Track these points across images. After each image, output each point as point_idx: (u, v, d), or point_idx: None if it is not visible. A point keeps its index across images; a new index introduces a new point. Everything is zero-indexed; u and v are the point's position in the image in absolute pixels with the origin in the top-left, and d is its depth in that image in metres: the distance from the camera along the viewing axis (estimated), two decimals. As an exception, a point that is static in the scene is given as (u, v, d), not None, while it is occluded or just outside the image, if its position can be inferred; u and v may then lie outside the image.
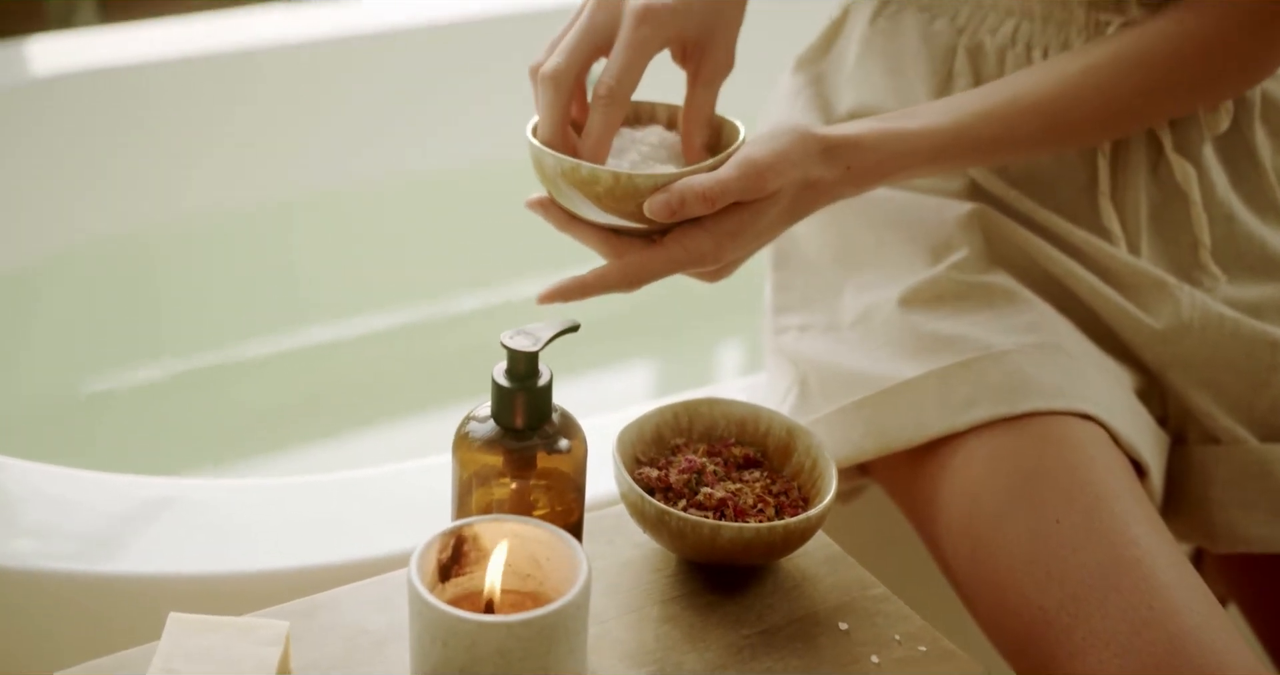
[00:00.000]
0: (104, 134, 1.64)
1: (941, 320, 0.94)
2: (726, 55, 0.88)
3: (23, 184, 1.59)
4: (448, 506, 0.94)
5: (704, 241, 0.83)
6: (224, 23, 1.76)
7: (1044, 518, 0.85)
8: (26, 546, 0.96)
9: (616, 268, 0.85)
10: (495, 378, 0.73)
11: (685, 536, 0.77)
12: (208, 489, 1.03)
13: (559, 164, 0.83)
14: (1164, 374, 0.98)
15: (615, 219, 0.84)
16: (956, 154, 0.90)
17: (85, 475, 1.02)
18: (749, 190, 0.82)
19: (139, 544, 0.96)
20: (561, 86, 0.84)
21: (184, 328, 1.69)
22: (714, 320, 1.84)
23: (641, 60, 0.85)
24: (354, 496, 1.03)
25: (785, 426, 0.85)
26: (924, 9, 1.03)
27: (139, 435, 1.56)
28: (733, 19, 0.89)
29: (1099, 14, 0.97)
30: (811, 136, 0.85)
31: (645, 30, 0.84)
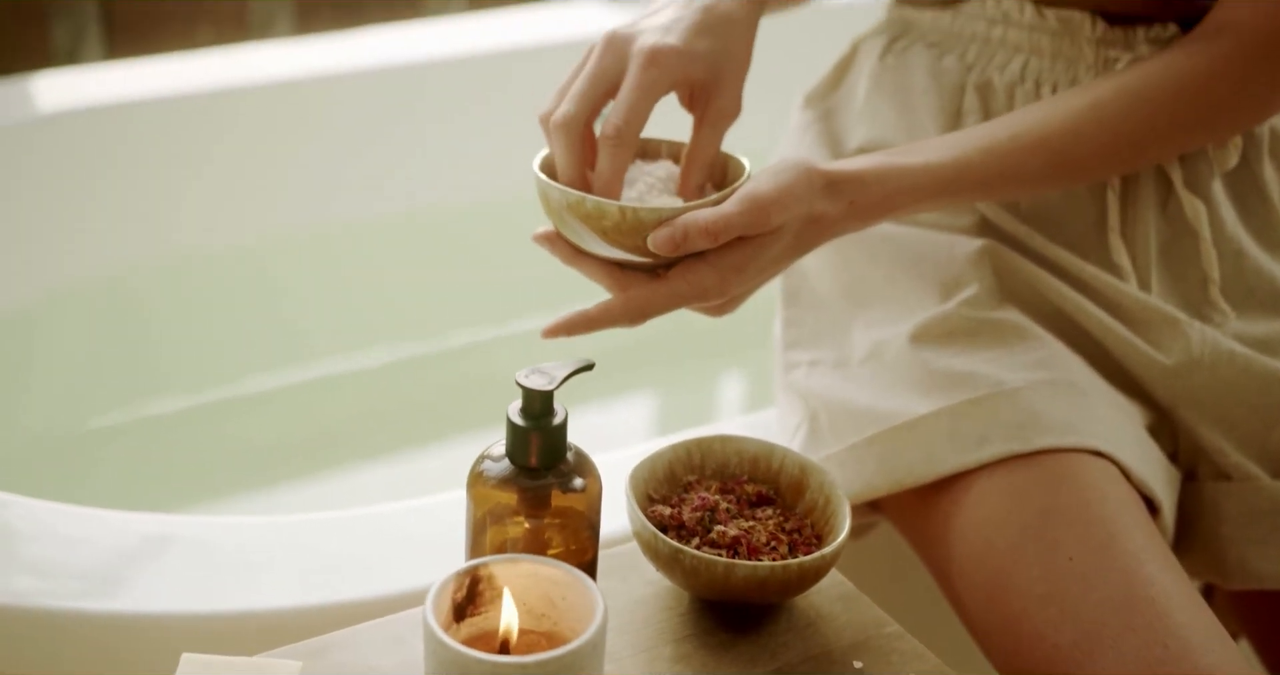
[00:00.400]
0: (104, 170, 1.64)
1: (953, 357, 0.94)
2: (733, 100, 0.89)
3: (26, 220, 1.59)
4: (457, 544, 0.95)
5: (708, 276, 0.84)
6: (226, 58, 1.76)
7: (1057, 555, 0.84)
8: (28, 584, 0.95)
9: (621, 302, 0.85)
10: (510, 416, 0.73)
11: (699, 575, 0.77)
12: (213, 526, 1.02)
13: (564, 197, 0.83)
14: (1175, 410, 0.97)
15: (620, 253, 0.84)
16: (960, 189, 0.90)
17: (88, 512, 1.02)
18: (752, 225, 0.82)
19: (143, 582, 0.96)
20: (573, 132, 0.85)
21: (184, 364, 1.69)
22: (719, 355, 1.84)
23: (648, 102, 0.85)
24: (362, 533, 1.03)
25: (798, 464, 0.85)
26: (932, 46, 1.03)
27: (140, 472, 1.55)
28: (739, 65, 0.89)
29: (1108, 51, 0.97)
30: (815, 172, 0.85)
31: (653, 72, 0.85)
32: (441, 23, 1.97)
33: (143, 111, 1.66)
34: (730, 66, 0.89)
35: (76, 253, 1.65)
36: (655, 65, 0.85)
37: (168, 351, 1.70)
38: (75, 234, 1.64)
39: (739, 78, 0.89)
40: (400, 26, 1.93)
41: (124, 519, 1.01)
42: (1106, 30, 0.97)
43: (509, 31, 1.90)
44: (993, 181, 0.90)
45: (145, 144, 1.66)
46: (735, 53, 0.89)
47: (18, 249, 1.60)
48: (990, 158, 0.90)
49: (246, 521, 1.04)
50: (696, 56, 0.87)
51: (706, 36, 0.88)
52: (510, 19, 1.94)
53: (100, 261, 1.67)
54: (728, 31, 0.89)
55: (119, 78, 1.69)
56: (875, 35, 1.09)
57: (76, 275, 1.65)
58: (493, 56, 1.86)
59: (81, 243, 1.65)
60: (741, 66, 0.90)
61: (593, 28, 1.92)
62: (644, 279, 0.85)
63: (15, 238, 1.59)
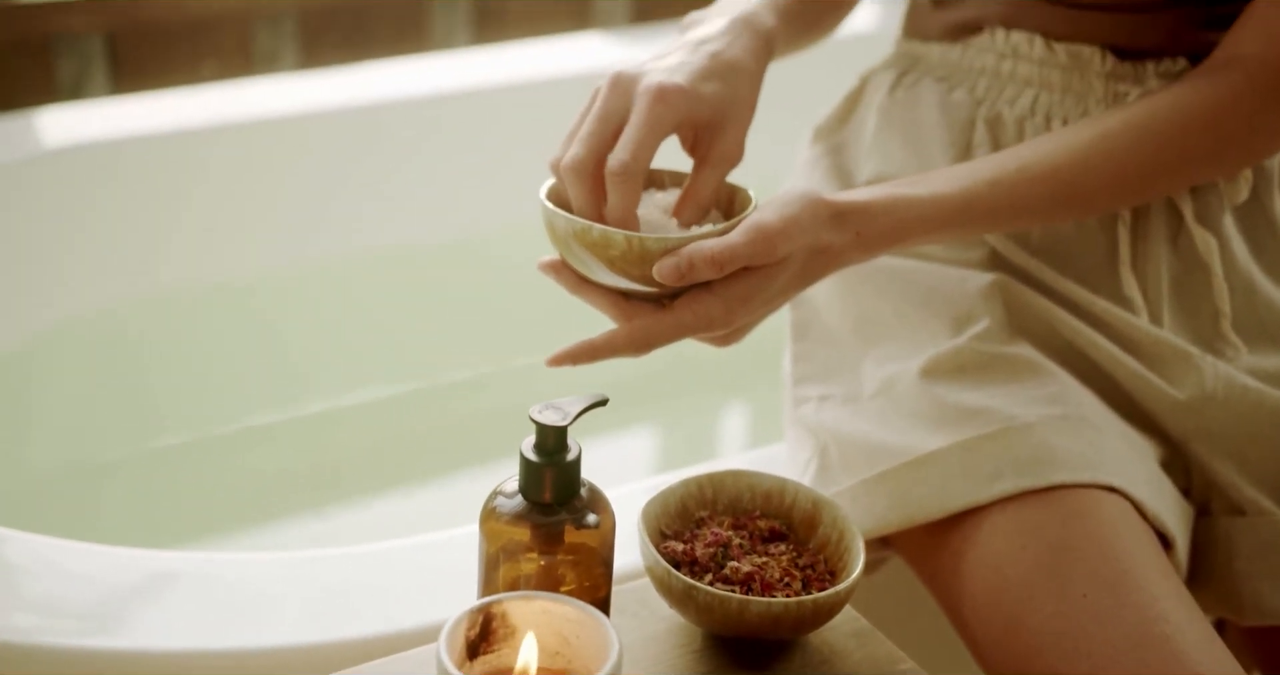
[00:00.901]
0: (106, 204, 1.64)
1: (964, 392, 0.93)
2: (735, 145, 0.89)
3: (30, 254, 1.59)
4: (466, 581, 0.94)
5: (714, 306, 0.83)
6: (229, 93, 1.76)
7: (1071, 592, 0.84)
8: (30, 621, 0.94)
9: (625, 332, 0.85)
10: (523, 452, 0.73)
11: (713, 611, 0.77)
12: (218, 562, 1.01)
13: (570, 225, 0.83)
14: (1187, 445, 0.97)
15: (626, 282, 0.84)
16: (967, 221, 0.90)
17: (90, 548, 1.01)
18: (758, 255, 0.82)
19: (147, 619, 0.95)
20: (584, 174, 0.85)
21: (186, 399, 1.69)
22: (725, 389, 1.83)
23: (654, 138, 0.85)
24: (368, 569, 1.02)
25: (811, 499, 0.85)
26: (942, 80, 1.03)
27: (142, 508, 1.55)
28: (744, 110, 0.90)
29: (1118, 85, 0.97)
30: (821, 202, 0.85)
31: (659, 110, 0.85)
32: (446, 56, 1.97)
33: (144, 146, 1.66)
34: (735, 112, 0.89)
35: (82, 286, 1.65)
36: (662, 102, 0.85)
37: (170, 387, 1.70)
38: (79, 268, 1.64)
39: (743, 123, 0.90)
40: (405, 60, 1.93)
41: (127, 555, 1.00)
42: (1116, 65, 0.97)
43: (513, 65, 1.90)
44: (1000, 213, 0.90)
45: (147, 178, 1.66)
46: (741, 98, 0.89)
47: (23, 282, 1.60)
48: (998, 189, 0.90)
49: (252, 557, 1.03)
50: (702, 98, 0.87)
51: (713, 80, 0.88)
52: (515, 53, 1.94)
53: (105, 295, 1.66)
54: (734, 77, 0.89)
55: (121, 113, 1.69)
56: (884, 69, 1.09)
57: (81, 309, 1.65)
58: (497, 90, 1.86)
59: (86, 276, 1.65)
60: (746, 112, 0.90)
61: (597, 61, 1.93)
62: (650, 309, 0.85)
63: (20, 271, 1.59)
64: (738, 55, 0.90)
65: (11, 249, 1.57)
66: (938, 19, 1.05)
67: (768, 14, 0.95)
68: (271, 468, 1.65)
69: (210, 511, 1.56)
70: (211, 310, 1.73)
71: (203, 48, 1.86)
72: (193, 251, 1.71)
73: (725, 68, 0.89)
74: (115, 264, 1.66)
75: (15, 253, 1.58)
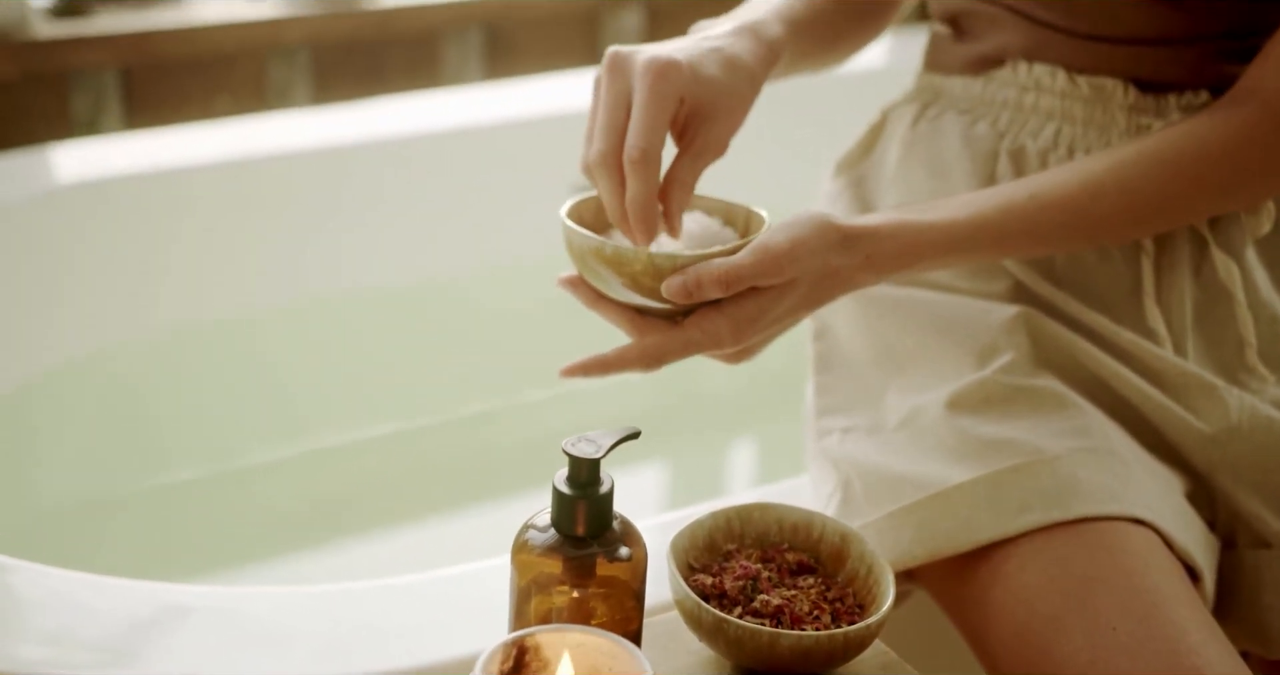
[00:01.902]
0: (114, 241, 1.64)
1: (990, 424, 0.93)
2: (721, 137, 0.89)
3: (36, 290, 1.60)
4: (492, 614, 0.94)
5: (722, 325, 0.85)
6: (244, 128, 1.77)
7: (1100, 625, 0.84)
8: (40, 654, 0.93)
9: (637, 347, 0.86)
10: (556, 485, 0.73)
11: (743, 644, 0.76)
12: (230, 596, 1.01)
13: (587, 242, 0.85)
14: (1213, 477, 0.97)
15: (639, 298, 0.86)
16: (978, 246, 0.90)
17: (100, 580, 1.00)
18: (764, 276, 0.83)
19: (158, 653, 0.94)
20: (612, 167, 0.85)
21: (193, 435, 1.69)
22: (742, 423, 1.84)
23: (663, 116, 0.86)
24: (386, 603, 1.01)
25: (839, 532, 0.84)
26: (964, 112, 1.04)
27: (149, 544, 1.54)
28: (738, 106, 0.90)
29: (1140, 118, 0.98)
30: (830, 226, 0.85)
31: (661, 86, 0.85)
32: (460, 91, 1.98)
33: (158, 181, 1.66)
34: (728, 104, 0.89)
35: (100, 319, 1.65)
36: (663, 79, 0.85)
37: (180, 422, 1.70)
38: (94, 301, 1.64)
39: (734, 118, 0.90)
40: (417, 95, 1.94)
41: (140, 588, 1.00)
42: (1139, 97, 0.98)
43: (526, 100, 1.91)
44: (1010, 239, 0.91)
45: (162, 213, 1.66)
46: (737, 94, 0.90)
47: (40, 315, 1.60)
48: (1009, 215, 0.90)
49: (268, 591, 1.03)
50: (700, 80, 0.87)
51: (712, 68, 0.89)
52: (527, 88, 1.95)
53: (126, 327, 1.67)
54: (733, 72, 0.90)
55: (135, 148, 1.69)
56: (906, 103, 1.10)
57: (101, 341, 1.65)
58: (510, 125, 1.87)
59: (102, 310, 1.65)
60: (739, 109, 0.90)
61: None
62: (663, 325, 0.87)
63: (35, 305, 1.59)
64: (739, 54, 0.91)
65: (25, 283, 1.57)
66: (959, 52, 1.05)
67: (776, 25, 0.96)
68: (279, 503, 1.65)
69: (218, 547, 1.55)
70: (226, 344, 1.73)
71: (217, 83, 1.87)
72: (208, 286, 1.72)
73: (725, 60, 0.90)
74: (131, 298, 1.66)
75: (29, 286, 1.58)
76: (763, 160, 1.99)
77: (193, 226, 1.69)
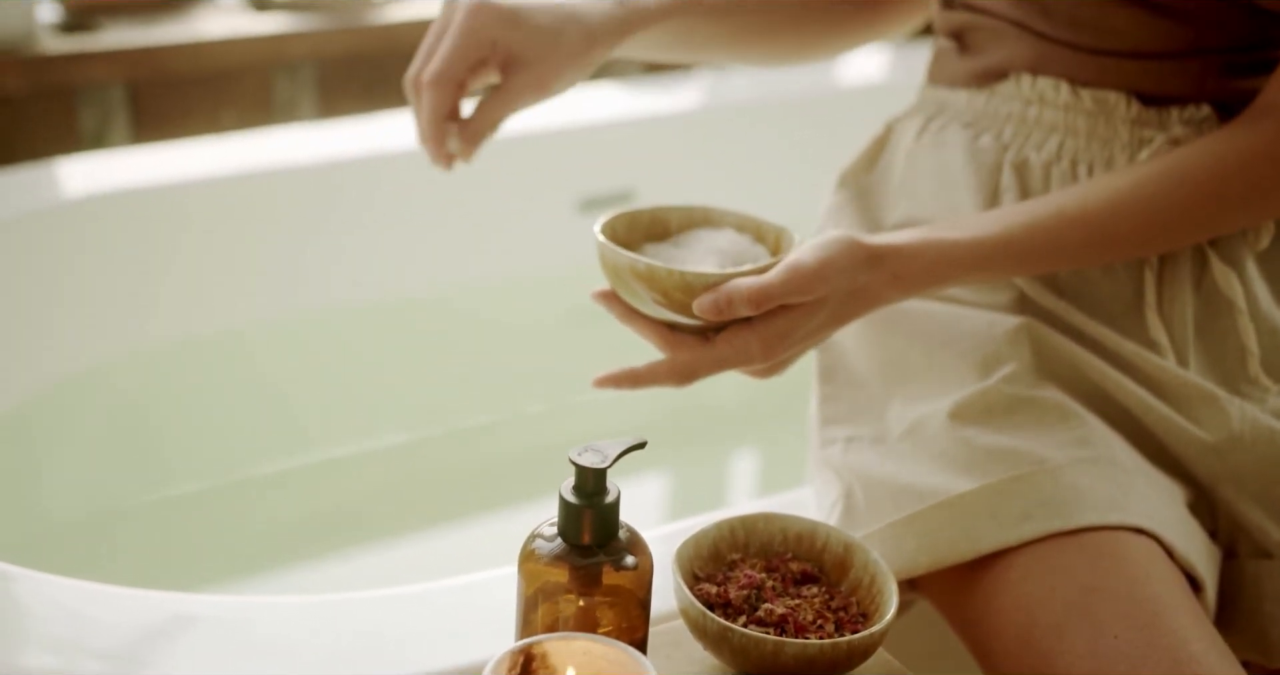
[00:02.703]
0: (123, 254, 1.65)
1: (992, 434, 0.94)
2: (537, 81, 0.96)
3: (44, 304, 1.60)
4: (499, 623, 0.94)
5: (752, 342, 0.86)
6: (249, 142, 1.78)
7: (1102, 634, 0.84)
8: (47, 662, 0.94)
9: (669, 363, 0.88)
10: (563, 494, 0.73)
11: (748, 653, 0.77)
12: (238, 605, 1.01)
13: (620, 258, 0.87)
14: (1215, 487, 0.97)
15: (671, 314, 0.87)
16: (1002, 263, 0.92)
17: (107, 590, 1.01)
18: (794, 294, 0.85)
19: (167, 662, 0.94)
20: (414, 88, 0.96)
21: (201, 446, 1.69)
22: (747, 434, 1.84)
23: (463, 48, 0.95)
24: (391, 613, 1.02)
25: (842, 542, 0.85)
26: (968, 125, 1.05)
27: (158, 555, 1.55)
28: (562, 57, 0.97)
29: (1142, 131, 0.98)
30: (858, 245, 0.87)
31: (471, 22, 0.95)
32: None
33: (165, 195, 1.67)
34: (546, 53, 0.96)
35: (108, 331, 1.66)
36: (473, 15, 0.95)
37: (186, 434, 1.71)
38: (96, 316, 1.65)
39: (553, 67, 0.96)
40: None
41: (149, 597, 1.00)
42: (1141, 110, 0.98)
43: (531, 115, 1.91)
44: (1034, 255, 0.92)
45: (162, 229, 1.67)
46: (561, 45, 0.96)
47: (49, 328, 1.61)
48: (1033, 232, 0.92)
49: (273, 601, 1.03)
50: (518, 25, 0.95)
51: (542, 17, 0.96)
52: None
53: (133, 339, 1.68)
54: (566, 24, 0.96)
55: (142, 162, 1.70)
56: (910, 116, 1.10)
57: (110, 353, 1.66)
58: (511, 140, 1.87)
59: (104, 324, 1.66)
60: (563, 59, 0.96)
61: (612, 111, 1.94)
62: (694, 341, 0.88)
63: (36, 319, 1.60)
64: (585, 13, 0.97)
65: (31, 296, 1.58)
66: (963, 66, 1.06)
67: None
68: (284, 514, 1.65)
69: (222, 558, 1.56)
70: (233, 357, 1.74)
71: (223, 97, 1.88)
72: (214, 298, 1.73)
73: (563, 15, 0.97)
74: (138, 310, 1.67)
75: (34, 299, 1.59)
76: (768, 172, 2.01)
77: (198, 240, 1.70)
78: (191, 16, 1.91)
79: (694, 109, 1.98)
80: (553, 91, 0.98)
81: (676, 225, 0.95)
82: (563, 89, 1.00)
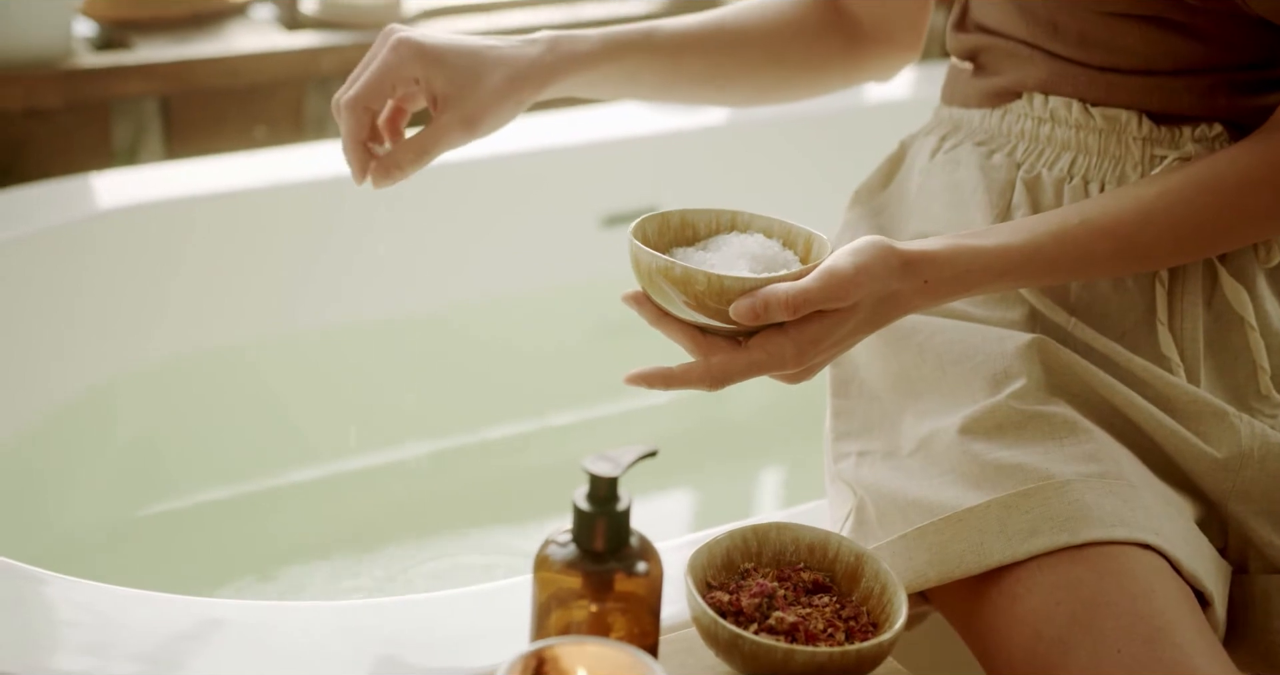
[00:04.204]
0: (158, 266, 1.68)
1: (1001, 449, 0.95)
2: (466, 120, 1.00)
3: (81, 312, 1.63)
4: (517, 630, 0.96)
5: (786, 347, 0.87)
6: (280, 157, 1.80)
7: (1105, 648, 0.85)
8: (82, 664, 0.96)
9: (702, 366, 0.88)
10: (576, 501, 0.75)
11: (758, 660, 0.78)
12: (269, 609, 1.03)
13: (653, 261, 0.87)
14: (1224, 504, 0.98)
15: (704, 318, 0.88)
16: (1030, 272, 0.93)
17: (137, 594, 1.03)
18: (830, 299, 0.86)
19: (199, 664, 0.96)
20: (356, 114, 1.00)
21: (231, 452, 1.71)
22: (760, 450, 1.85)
23: (380, 80, 1.00)
24: (417, 618, 1.04)
25: (854, 552, 0.87)
26: (981, 144, 1.06)
27: (176, 565, 1.56)
28: (489, 97, 1.01)
29: (1154, 149, 1.00)
30: (892, 251, 0.88)
31: (389, 57, 1.00)
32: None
33: (194, 208, 1.69)
34: (472, 92, 1.00)
35: (141, 340, 1.68)
36: (394, 51, 1.00)
37: (227, 441, 1.72)
38: (128, 325, 1.67)
39: (479, 105, 1.00)
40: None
41: (174, 601, 1.02)
42: (1153, 129, 1.00)
43: (554, 129, 1.94)
44: (1062, 264, 0.93)
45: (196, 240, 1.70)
46: (485, 87, 1.00)
47: (78, 339, 1.63)
48: (1062, 240, 0.93)
49: (302, 605, 1.05)
50: (440, 62, 1.00)
51: (466, 58, 1.00)
52: (557, 117, 1.98)
53: (166, 347, 1.70)
54: (489, 66, 1.01)
55: (174, 176, 1.72)
56: (925, 134, 1.12)
57: (140, 362, 1.68)
58: (535, 153, 1.89)
59: (141, 332, 1.68)
60: (488, 98, 1.01)
61: (640, 125, 1.96)
62: (726, 345, 0.89)
63: (71, 330, 1.62)
64: (512, 57, 1.02)
65: (63, 306, 1.61)
66: (977, 86, 1.08)
67: (591, 42, 1.05)
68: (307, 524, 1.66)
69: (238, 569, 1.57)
70: (262, 367, 1.76)
71: (255, 113, 1.90)
72: (247, 309, 1.75)
73: (491, 58, 1.01)
74: (161, 322, 1.70)
75: (65, 310, 1.61)
76: (791, 187, 2.02)
77: (228, 252, 1.72)
78: (225, 33, 1.94)
79: (717, 125, 2.00)
80: (482, 130, 1.02)
81: (705, 229, 0.96)
82: (494, 128, 1.03)
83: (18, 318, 1.57)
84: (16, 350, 1.57)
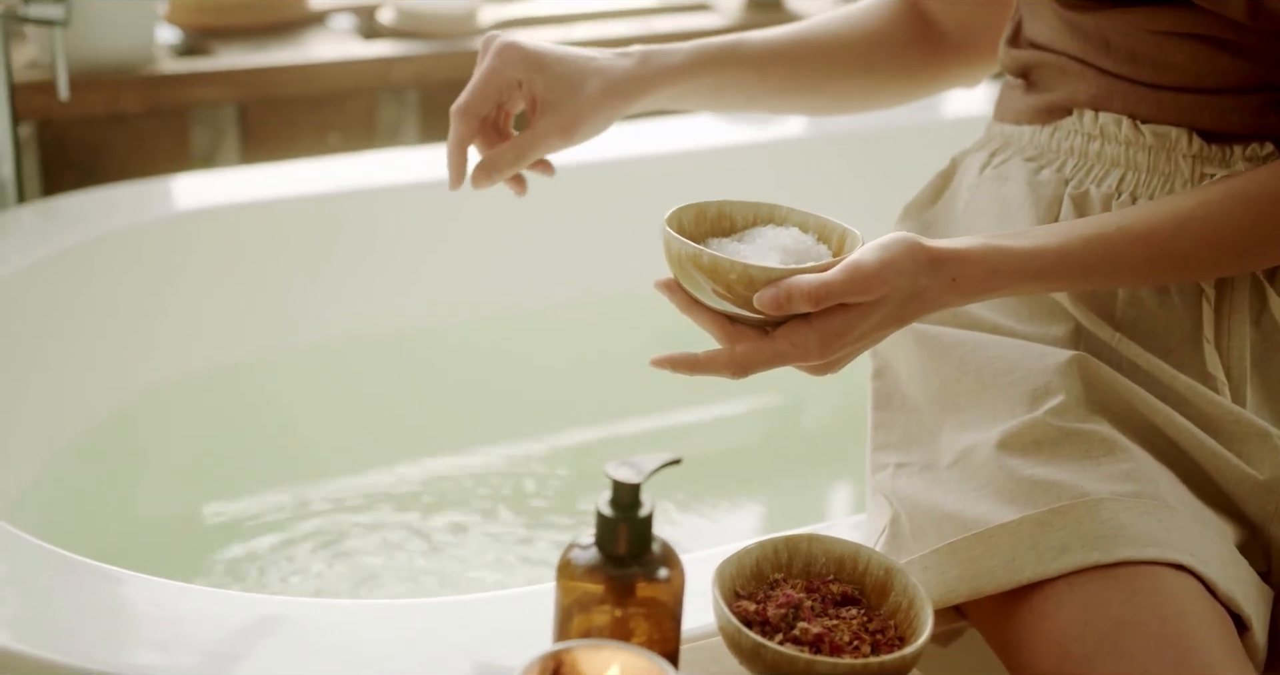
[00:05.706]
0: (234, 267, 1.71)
1: (1038, 466, 0.95)
2: (564, 126, 1.03)
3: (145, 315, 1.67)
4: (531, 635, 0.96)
5: (810, 338, 0.88)
6: (354, 163, 1.83)
7: (1132, 668, 0.85)
8: (152, 659, 0.98)
9: (727, 353, 0.89)
10: (599, 507, 0.76)
11: (780, 670, 0.79)
12: (328, 608, 1.05)
13: (685, 249, 0.89)
14: (1267, 526, 0.97)
15: (732, 307, 0.89)
16: (1061, 275, 0.93)
17: (208, 591, 1.05)
18: (853, 293, 0.86)
19: (264, 660, 0.98)
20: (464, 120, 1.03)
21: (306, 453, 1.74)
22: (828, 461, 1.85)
23: (487, 85, 1.03)
24: (465, 619, 1.05)
25: (883, 566, 0.87)
26: (1030, 159, 1.06)
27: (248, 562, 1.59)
28: (585, 105, 1.03)
29: (1204, 167, 0.99)
30: (920, 247, 0.89)
31: (494, 62, 1.03)
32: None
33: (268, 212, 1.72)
34: (570, 99, 1.03)
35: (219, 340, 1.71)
36: (498, 56, 1.03)
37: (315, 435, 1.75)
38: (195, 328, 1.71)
39: (576, 112, 1.03)
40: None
41: (242, 599, 1.05)
42: (1203, 147, 0.99)
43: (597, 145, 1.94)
44: (1093, 269, 0.93)
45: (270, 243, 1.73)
46: (582, 95, 1.03)
47: (144, 340, 1.67)
48: (1094, 245, 0.93)
49: (350, 604, 1.07)
50: (542, 67, 1.02)
51: (565, 67, 1.03)
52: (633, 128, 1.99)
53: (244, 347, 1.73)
54: (588, 77, 1.03)
55: (249, 180, 1.76)
56: (975, 150, 1.12)
57: (214, 361, 1.71)
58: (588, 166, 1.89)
59: (205, 335, 1.72)
60: (585, 106, 1.03)
61: (695, 139, 1.96)
62: (753, 334, 0.90)
63: (134, 331, 1.66)
64: (608, 68, 1.04)
65: (139, 303, 1.65)
66: (1028, 102, 1.08)
67: (682, 55, 1.08)
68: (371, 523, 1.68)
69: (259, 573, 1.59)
70: (337, 365, 1.79)
71: (329, 120, 1.94)
72: (324, 311, 1.78)
73: (590, 68, 1.03)
74: (237, 322, 1.73)
75: (142, 307, 1.65)
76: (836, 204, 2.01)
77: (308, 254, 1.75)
78: (303, 42, 1.97)
79: (766, 141, 2.00)
80: (578, 138, 1.04)
81: (742, 221, 0.97)
82: (588, 136, 1.05)
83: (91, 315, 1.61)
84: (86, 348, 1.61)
